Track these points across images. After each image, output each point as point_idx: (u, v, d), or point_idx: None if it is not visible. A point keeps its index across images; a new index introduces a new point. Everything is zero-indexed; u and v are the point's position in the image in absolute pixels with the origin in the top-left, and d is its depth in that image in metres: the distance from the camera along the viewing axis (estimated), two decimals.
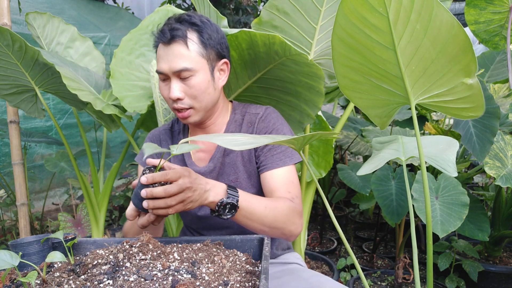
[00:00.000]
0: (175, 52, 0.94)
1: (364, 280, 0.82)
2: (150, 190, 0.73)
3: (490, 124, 1.47)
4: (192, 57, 0.94)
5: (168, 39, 0.94)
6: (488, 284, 1.82)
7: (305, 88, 1.18)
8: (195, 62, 0.94)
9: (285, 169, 1.00)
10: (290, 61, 1.08)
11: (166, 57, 0.95)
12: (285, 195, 0.97)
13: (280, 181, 0.99)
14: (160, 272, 0.64)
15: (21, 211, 1.77)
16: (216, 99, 1.02)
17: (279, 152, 1.01)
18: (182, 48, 0.93)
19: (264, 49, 1.05)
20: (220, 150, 1.06)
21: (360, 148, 2.27)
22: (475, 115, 0.77)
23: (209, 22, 0.98)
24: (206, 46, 0.96)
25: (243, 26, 4.34)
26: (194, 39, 0.95)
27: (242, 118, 1.08)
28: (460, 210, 1.35)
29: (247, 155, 1.05)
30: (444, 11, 0.61)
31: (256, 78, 1.20)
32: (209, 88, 0.98)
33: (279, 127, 1.04)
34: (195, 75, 0.95)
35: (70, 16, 3.57)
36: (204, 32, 0.96)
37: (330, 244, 2.49)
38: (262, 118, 1.05)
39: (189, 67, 0.94)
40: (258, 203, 0.88)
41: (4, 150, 2.92)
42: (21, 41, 1.36)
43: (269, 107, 1.09)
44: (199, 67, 0.95)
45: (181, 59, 0.93)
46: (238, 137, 0.71)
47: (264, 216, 0.88)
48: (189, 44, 0.94)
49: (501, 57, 2.19)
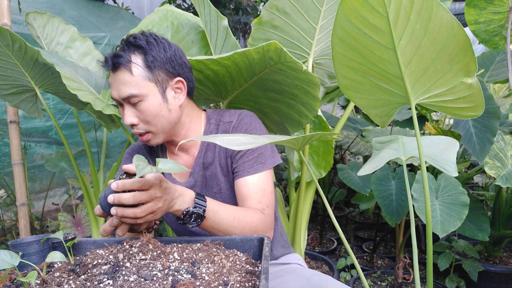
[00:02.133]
0: (120, 79, 0.93)
1: (364, 280, 0.82)
2: (118, 196, 0.69)
3: (490, 124, 1.47)
4: (137, 82, 0.92)
5: (111, 67, 0.94)
6: (488, 284, 1.82)
7: (301, 92, 1.18)
8: (141, 87, 0.92)
9: (257, 176, 0.99)
10: (286, 67, 1.07)
11: (114, 84, 0.94)
12: (255, 205, 0.96)
13: (251, 189, 0.98)
14: (160, 272, 0.64)
15: (21, 211, 1.78)
16: (174, 120, 0.99)
17: (251, 159, 0.99)
18: (126, 74, 0.92)
19: (258, 56, 1.04)
20: (199, 164, 1.05)
21: (360, 148, 2.27)
22: (475, 115, 0.77)
23: (155, 41, 0.95)
24: (152, 68, 0.93)
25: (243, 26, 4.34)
26: (139, 63, 0.93)
27: (217, 128, 1.05)
28: (460, 210, 1.35)
29: (225, 165, 1.03)
30: (444, 11, 0.61)
31: (252, 81, 1.20)
32: (161, 111, 0.95)
33: (252, 131, 1.02)
34: (144, 99, 0.93)
35: (70, 16, 3.56)
36: (148, 54, 0.93)
37: (330, 244, 2.50)
38: (235, 126, 1.03)
39: (135, 93, 0.92)
40: (226, 213, 0.87)
41: (4, 150, 2.92)
42: (21, 41, 1.36)
43: (243, 112, 1.06)
44: (147, 92, 0.93)
45: (126, 85, 0.92)
46: (238, 137, 0.71)
47: (231, 227, 0.87)
48: (133, 70, 0.92)
49: (501, 57, 2.20)
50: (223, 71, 1.17)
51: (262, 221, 0.93)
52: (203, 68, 1.17)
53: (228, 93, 1.30)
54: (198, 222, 0.83)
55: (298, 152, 0.81)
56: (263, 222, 0.93)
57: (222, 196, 1.05)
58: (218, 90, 1.30)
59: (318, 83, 1.10)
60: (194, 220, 0.83)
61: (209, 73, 1.20)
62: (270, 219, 0.96)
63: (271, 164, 1.01)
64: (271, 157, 1.01)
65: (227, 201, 1.05)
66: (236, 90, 1.27)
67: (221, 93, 1.31)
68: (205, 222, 0.85)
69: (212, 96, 1.36)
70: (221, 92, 1.30)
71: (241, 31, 4.41)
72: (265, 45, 0.99)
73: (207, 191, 1.06)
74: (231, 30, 1.35)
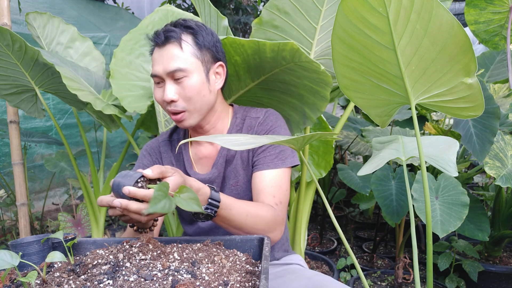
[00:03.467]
0: (169, 54, 0.94)
1: (364, 280, 0.82)
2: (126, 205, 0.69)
3: (490, 124, 1.46)
4: (186, 58, 0.94)
5: (162, 40, 0.95)
6: (488, 284, 1.82)
7: (309, 92, 1.18)
8: (189, 63, 0.94)
9: (275, 172, 0.99)
10: (298, 67, 1.07)
11: (161, 59, 0.95)
12: (269, 199, 0.96)
13: (267, 183, 0.98)
14: (160, 272, 0.64)
15: (21, 211, 1.78)
16: (211, 102, 1.01)
17: (272, 154, 1.01)
18: (176, 49, 0.94)
19: (271, 54, 1.04)
20: (222, 156, 1.05)
21: (360, 148, 2.27)
22: (474, 115, 0.77)
23: (204, 26, 0.99)
24: (201, 47, 0.96)
25: (243, 26, 4.34)
26: (189, 41, 0.95)
27: (243, 122, 1.07)
28: (460, 210, 1.35)
29: (246, 159, 1.05)
30: (444, 11, 0.61)
31: (259, 81, 1.20)
32: (203, 90, 0.97)
33: (276, 128, 1.04)
34: (189, 76, 0.94)
35: (70, 16, 3.56)
36: (198, 34, 0.96)
37: (330, 244, 2.50)
38: (261, 122, 1.05)
39: (183, 68, 0.93)
40: (239, 211, 0.88)
41: (4, 150, 2.92)
42: (21, 41, 1.36)
43: (269, 110, 1.08)
44: (193, 68, 0.95)
45: (175, 60, 0.93)
46: (238, 137, 0.71)
47: (243, 223, 0.88)
48: (183, 46, 0.94)
49: (501, 57, 2.19)
50: (230, 71, 1.17)
51: (275, 217, 0.93)
52: None
53: (232, 93, 1.30)
54: (209, 219, 0.85)
55: (298, 152, 0.81)
56: (275, 218, 0.93)
57: (238, 188, 1.05)
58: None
59: (330, 82, 1.10)
60: (204, 217, 0.84)
61: None
62: (282, 215, 0.96)
63: (291, 163, 1.01)
64: (291, 157, 1.02)
65: (242, 194, 1.05)
66: (241, 90, 1.27)
67: (224, 93, 1.31)
68: (216, 219, 0.86)
69: None
70: (223, 92, 1.30)
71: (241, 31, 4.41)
72: (281, 44, 0.99)
73: (224, 182, 1.06)
74: (231, 30, 1.34)
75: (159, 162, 1.13)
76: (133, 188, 0.69)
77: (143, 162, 1.12)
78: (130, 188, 0.69)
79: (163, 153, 1.13)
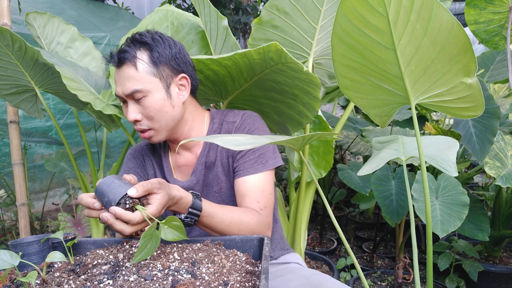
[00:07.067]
0: (125, 75, 0.93)
1: (364, 280, 0.82)
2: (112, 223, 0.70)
3: (490, 124, 1.46)
4: (142, 77, 0.93)
5: (117, 62, 0.94)
6: (488, 284, 1.82)
7: (302, 92, 1.18)
8: (146, 82, 0.93)
9: (257, 176, 0.98)
10: (286, 67, 1.07)
11: (119, 81, 0.95)
12: (253, 204, 0.96)
13: (249, 189, 0.98)
14: (160, 272, 0.64)
15: (21, 211, 1.78)
16: (177, 116, 0.99)
17: (252, 159, 1.00)
18: (131, 70, 0.93)
19: (258, 56, 1.04)
20: (201, 163, 1.05)
21: (360, 148, 2.27)
22: (474, 115, 0.77)
23: (161, 38, 0.96)
24: (157, 64, 0.94)
25: (243, 26, 4.34)
26: (144, 58, 0.93)
27: (220, 127, 1.06)
28: (460, 210, 1.35)
29: (226, 165, 1.04)
30: (444, 11, 0.61)
31: (253, 81, 1.20)
32: (165, 107, 0.96)
33: (254, 131, 1.02)
34: (148, 95, 0.94)
35: (70, 16, 3.56)
36: (154, 50, 0.94)
37: (330, 244, 2.50)
38: (238, 126, 1.03)
39: (139, 89, 0.93)
40: (222, 218, 0.88)
41: (4, 150, 2.92)
42: (21, 41, 1.36)
43: (246, 113, 1.06)
44: (151, 87, 0.93)
45: (131, 81, 0.93)
46: (238, 137, 0.71)
47: (227, 230, 0.89)
48: (138, 65, 0.93)
49: (501, 57, 2.19)
50: (223, 71, 1.17)
51: (260, 222, 0.93)
52: (203, 68, 1.17)
53: (228, 93, 1.30)
54: (191, 225, 0.85)
55: (298, 152, 0.81)
56: (260, 224, 0.93)
57: (222, 195, 1.05)
58: (218, 90, 1.30)
59: (318, 83, 1.10)
60: (185, 224, 0.84)
61: (209, 73, 1.20)
62: (267, 220, 0.96)
63: (272, 165, 1.00)
64: (272, 158, 1.01)
65: (226, 200, 1.05)
66: (236, 90, 1.27)
67: (221, 93, 1.31)
68: (198, 225, 0.87)
69: (212, 96, 1.36)
70: (221, 92, 1.30)
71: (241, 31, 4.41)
72: (265, 46, 0.99)
73: (207, 190, 1.06)
74: (231, 30, 1.34)
75: (143, 165, 1.13)
76: (119, 210, 0.69)
77: (128, 165, 1.13)
78: (116, 209, 0.69)
79: (145, 156, 1.14)
